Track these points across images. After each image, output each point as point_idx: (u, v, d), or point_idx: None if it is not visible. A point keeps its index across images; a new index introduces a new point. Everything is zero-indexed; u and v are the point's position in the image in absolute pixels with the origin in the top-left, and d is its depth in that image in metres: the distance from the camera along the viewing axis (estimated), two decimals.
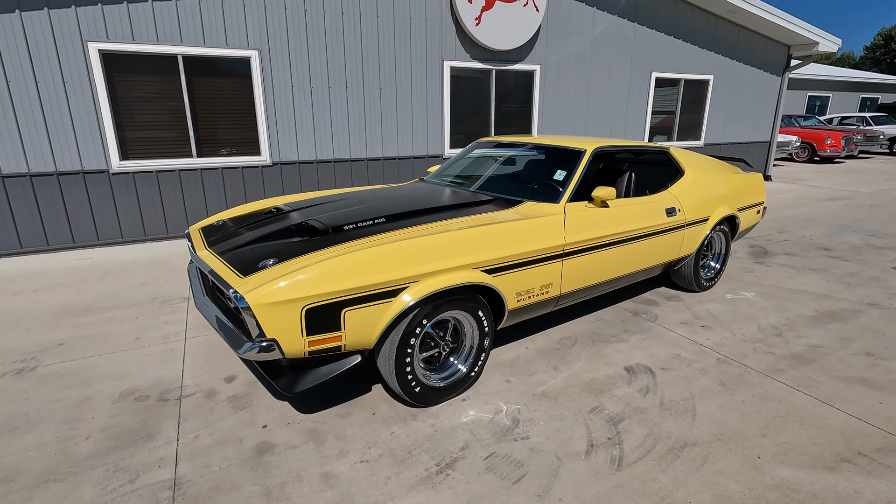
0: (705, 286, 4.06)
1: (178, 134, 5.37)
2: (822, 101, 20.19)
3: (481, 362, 2.61)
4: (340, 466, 2.06)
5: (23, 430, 2.27)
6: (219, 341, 3.16)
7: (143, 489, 1.92)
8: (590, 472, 2.02)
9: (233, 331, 2.18)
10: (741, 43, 9.32)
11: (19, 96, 4.64)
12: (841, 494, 1.91)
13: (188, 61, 5.22)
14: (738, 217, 4.12)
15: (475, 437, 2.24)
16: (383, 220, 2.60)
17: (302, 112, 5.89)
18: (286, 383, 2.16)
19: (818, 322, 3.49)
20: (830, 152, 13.49)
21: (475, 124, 7.12)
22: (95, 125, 4.98)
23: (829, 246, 5.47)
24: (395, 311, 2.17)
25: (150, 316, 3.54)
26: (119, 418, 2.36)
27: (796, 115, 15.36)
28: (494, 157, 3.81)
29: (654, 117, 8.85)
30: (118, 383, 2.67)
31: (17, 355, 2.96)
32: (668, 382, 2.70)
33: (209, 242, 2.67)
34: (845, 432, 2.28)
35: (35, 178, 4.86)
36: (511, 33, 6.77)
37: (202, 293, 2.66)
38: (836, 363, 2.92)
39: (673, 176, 3.80)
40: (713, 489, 1.93)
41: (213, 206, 5.72)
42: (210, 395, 2.57)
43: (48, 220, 5.00)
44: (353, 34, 5.94)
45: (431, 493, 1.91)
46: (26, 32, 4.55)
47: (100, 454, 2.11)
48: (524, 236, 2.60)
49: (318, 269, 2.02)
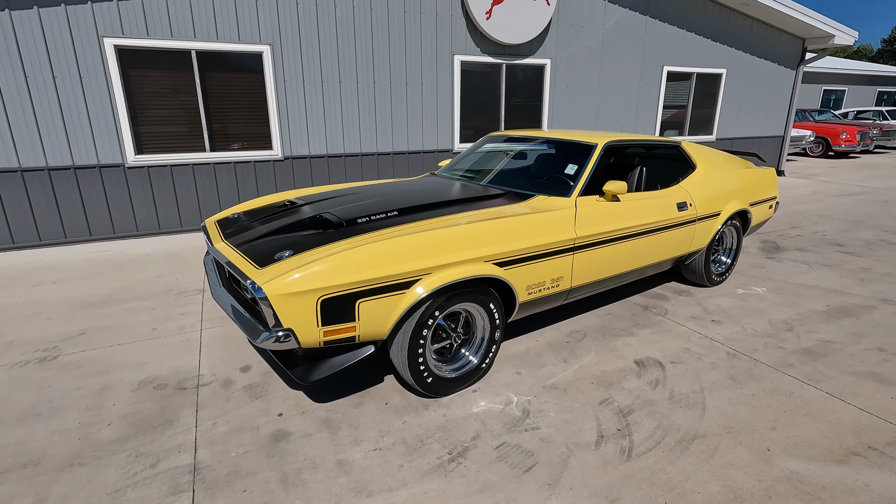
0: (716, 281, 4.05)
1: (192, 128, 5.44)
2: (838, 95, 19.87)
3: (492, 354, 2.65)
4: (354, 454, 2.10)
5: (47, 416, 2.34)
6: (234, 332, 3.22)
7: (163, 473, 1.98)
8: (599, 463, 2.05)
9: (249, 321, 2.23)
10: (755, 36, 9.20)
11: (38, 91, 4.73)
12: (850, 487, 1.92)
13: (201, 56, 5.28)
14: (750, 212, 4.10)
15: (486, 428, 2.28)
16: (396, 213, 2.64)
17: (313, 107, 5.93)
18: (302, 373, 2.21)
19: (830, 317, 3.48)
20: (845, 147, 13.30)
21: (485, 119, 7.12)
22: (111, 120, 5.06)
23: (841, 242, 5.42)
24: (408, 302, 2.21)
25: (166, 307, 3.61)
26: (139, 406, 2.43)
27: (810, 110, 15.15)
28: (505, 152, 3.83)
29: (666, 111, 8.79)
30: (137, 372, 2.74)
31: (38, 344, 3.04)
32: (677, 376, 2.72)
33: (225, 235, 2.72)
34: (856, 426, 2.29)
35: (53, 171, 4.95)
36: (522, 27, 6.75)
37: (219, 284, 2.71)
38: (848, 358, 2.91)
39: (685, 170, 3.79)
40: (722, 480, 1.95)
41: (226, 200, 5.79)
42: (226, 384, 2.63)
43: (65, 214, 5.10)
44: (364, 28, 5.96)
45: (444, 481, 1.95)
46: (44, 28, 4.63)
47: (121, 440, 2.18)
48: (535, 230, 2.62)
49: (333, 261, 2.06)
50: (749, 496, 1.87)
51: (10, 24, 4.50)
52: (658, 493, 1.88)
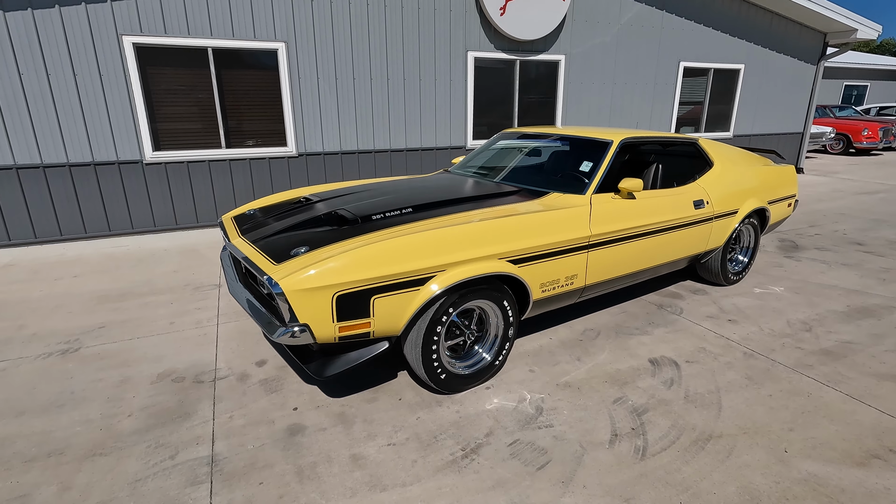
0: (732, 280, 4.00)
1: (208, 125, 5.50)
2: (860, 91, 19.42)
3: (505, 351, 2.65)
4: (368, 449, 2.12)
5: (69, 406, 2.40)
6: (249, 327, 3.26)
7: (182, 464, 2.02)
8: (613, 461, 2.04)
9: (266, 316, 2.26)
10: (774, 30, 9.03)
11: (59, 89, 4.82)
12: (870, 490, 1.89)
13: (217, 54, 5.33)
14: (768, 210, 4.04)
15: (499, 424, 2.28)
16: (410, 210, 2.65)
17: (327, 104, 5.96)
18: (317, 367, 2.23)
19: (850, 318, 3.41)
20: (867, 144, 13.00)
21: (498, 116, 7.09)
22: (130, 117, 5.14)
23: (862, 241, 5.31)
24: (423, 299, 2.22)
25: (184, 302, 3.67)
26: (158, 398, 2.48)
27: (831, 106, 14.83)
28: (519, 149, 3.81)
29: (682, 108, 8.67)
30: (155, 365, 2.79)
31: (61, 337, 3.12)
32: (693, 375, 2.69)
33: (242, 231, 2.75)
34: (876, 429, 2.25)
35: (73, 168, 5.05)
36: (536, 23, 6.71)
37: (235, 280, 2.75)
38: (868, 359, 2.86)
39: (701, 167, 3.75)
40: (738, 481, 1.93)
41: (241, 196, 5.85)
42: (242, 378, 2.66)
43: (85, 209, 5.20)
44: (378, 25, 5.97)
45: (457, 477, 1.96)
46: (65, 27, 4.71)
47: (141, 431, 2.22)
48: (550, 227, 2.61)
49: (348, 258, 2.08)
50: (766, 498, 1.85)
51: (32, 22, 4.60)
52: (673, 493, 1.87)
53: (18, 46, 4.60)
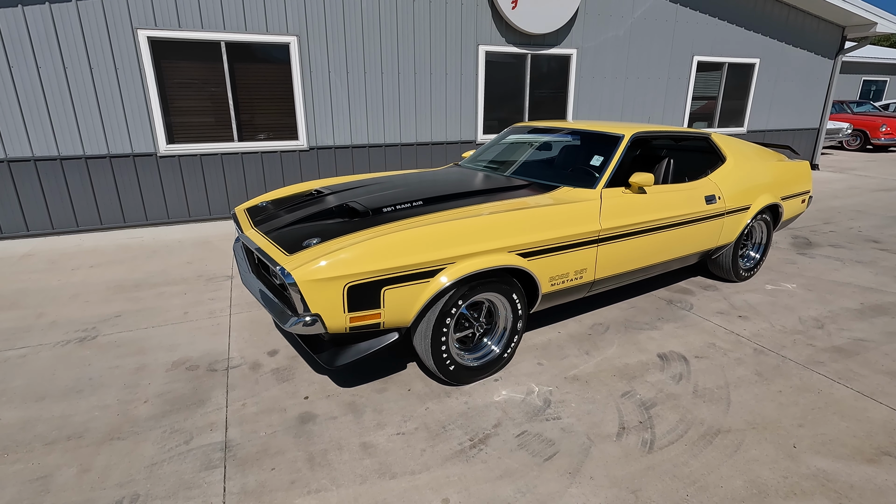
0: (744, 276, 3.97)
1: (221, 119, 5.56)
2: (879, 86, 19.03)
3: (514, 344, 2.66)
4: (378, 437, 2.15)
5: (88, 392, 2.46)
6: (261, 317, 3.31)
7: (197, 450, 2.07)
8: (621, 454, 2.06)
9: (278, 306, 2.30)
10: (791, 24, 8.88)
11: (76, 83, 4.89)
12: (880, 487, 1.88)
13: (230, 47, 5.38)
14: (782, 206, 4.00)
15: (507, 416, 2.30)
16: (421, 202, 2.66)
17: (338, 97, 5.98)
18: (328, 357, 2.27)
19: (863, 315, 3.38)
20: (885, 140, 12.75)
21: (509, 110, 7.07)
22: (144, 110, 5.20)
23: (878, 238, 5.24)
24: (432, 291, 2.24)
25: (197, 292, 3.73)
26: (172, 385, 2.53)
27: (848, 101, 14.56)
28: (529, 143, 3.81)
29: (695, 103, 8.58)
30: (170, 353, 2.85)
31: (79, 325, 3.19)
32: (702, 371, 2.69)
33: (255, 222, 2.79)
34: (888, 426, 2.23)
35: (90, 160, 5.13)
36: (548, 16, 6.66)
37: (248, 270, 2.79)
38: (881, 357, 2.83)
39: (714, 163, 3.72)
40: (746, 475, 1.94)
41: (253, 189, 5.91)
42: (255, 367, 2.71)
43: (101, 201, 5.29)
44: (389, 19, 5.97)
45: (465, 466, 1.99)
46: (81, 20, 4.78)
47: (157, 417, 2.28)
48: (560, 221, 2.62)
49: (359, 249, 2.10)
50: (773, 492, 1.85)
51: (50, 16, 4.67)
52: (680, 486, 1.88)
53: (37, 40, 4.68)
